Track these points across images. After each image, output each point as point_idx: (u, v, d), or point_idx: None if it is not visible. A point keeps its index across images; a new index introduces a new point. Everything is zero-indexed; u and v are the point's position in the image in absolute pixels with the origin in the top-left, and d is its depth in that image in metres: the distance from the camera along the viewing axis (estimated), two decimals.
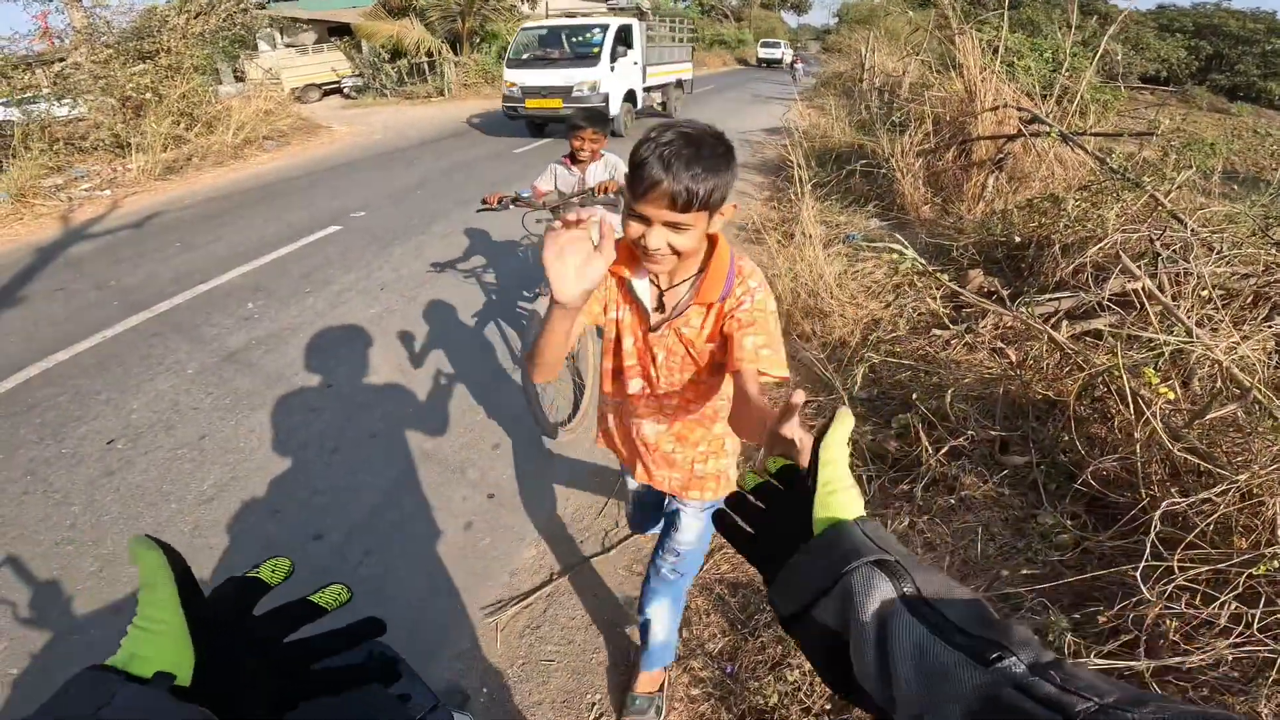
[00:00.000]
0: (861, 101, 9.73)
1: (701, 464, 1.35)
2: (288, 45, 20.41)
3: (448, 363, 3.35)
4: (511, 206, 2.67)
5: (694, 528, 1.42)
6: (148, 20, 9.76)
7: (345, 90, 19.90)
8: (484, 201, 2.73)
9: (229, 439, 2.76)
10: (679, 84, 14.07)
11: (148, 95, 8.90)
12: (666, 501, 1.48)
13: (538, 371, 1.04)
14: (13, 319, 4.01)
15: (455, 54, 19.06)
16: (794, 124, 8.61)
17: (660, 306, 1.17)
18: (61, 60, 9.36)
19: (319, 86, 19.69)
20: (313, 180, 7.74)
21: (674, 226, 0.97)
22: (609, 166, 2.80)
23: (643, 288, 1.16)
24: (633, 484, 1.57)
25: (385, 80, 18.94)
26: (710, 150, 0.94)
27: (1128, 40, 29.24)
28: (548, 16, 15.62)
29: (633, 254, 1.11)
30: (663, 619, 1.55)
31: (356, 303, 4.04)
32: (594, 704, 1.72)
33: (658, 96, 12.88)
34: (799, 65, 19.94)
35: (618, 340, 1.24)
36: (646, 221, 0.98)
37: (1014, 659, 0.34)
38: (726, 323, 1.12)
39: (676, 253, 1.00)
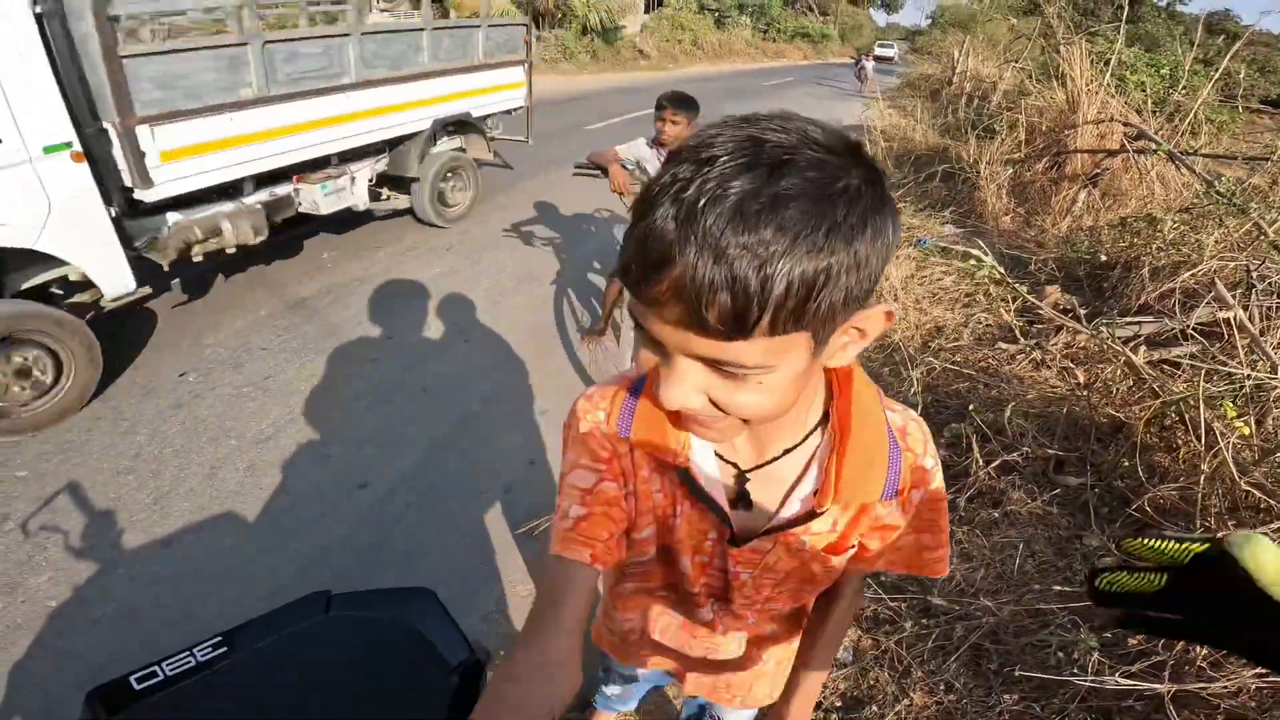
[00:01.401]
0: (949, 105, 9.40)
1: (765, 684, 0.89)
2: (381, 10, 20.99)
3: (504, 326, 3.41)
4: (609, 172, 2.70)
5: None
6: None
7: None
8: (581, 164, 2.75)
9: (291, 381, 2.89)
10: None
11: None
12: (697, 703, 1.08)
13: None
14: None
15: (537, 28, 19.21)
16: (873, 123, 8.33)
17: (743, 498, 0.62)
18: None
19: None
20: None
21: (716, 367, 0.44)
22: None
23: (708, 461, 0.61)
24: (642, 673, 1.01)
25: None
26: (810, 185, 0.38)
27: (1254, 62, 27.08)
28: None
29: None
30: None
31: (422, 261, 4.16)
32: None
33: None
34: (868, 63, 17.13)
35: (665, 559, 0.71)
36: (660, 350, 0.45)
37: None
38: (885, 529, 0.65)
39: (741, 418, 0.47)
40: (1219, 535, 0.43)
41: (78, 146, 2.53)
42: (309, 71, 3.40)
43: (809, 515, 0.60)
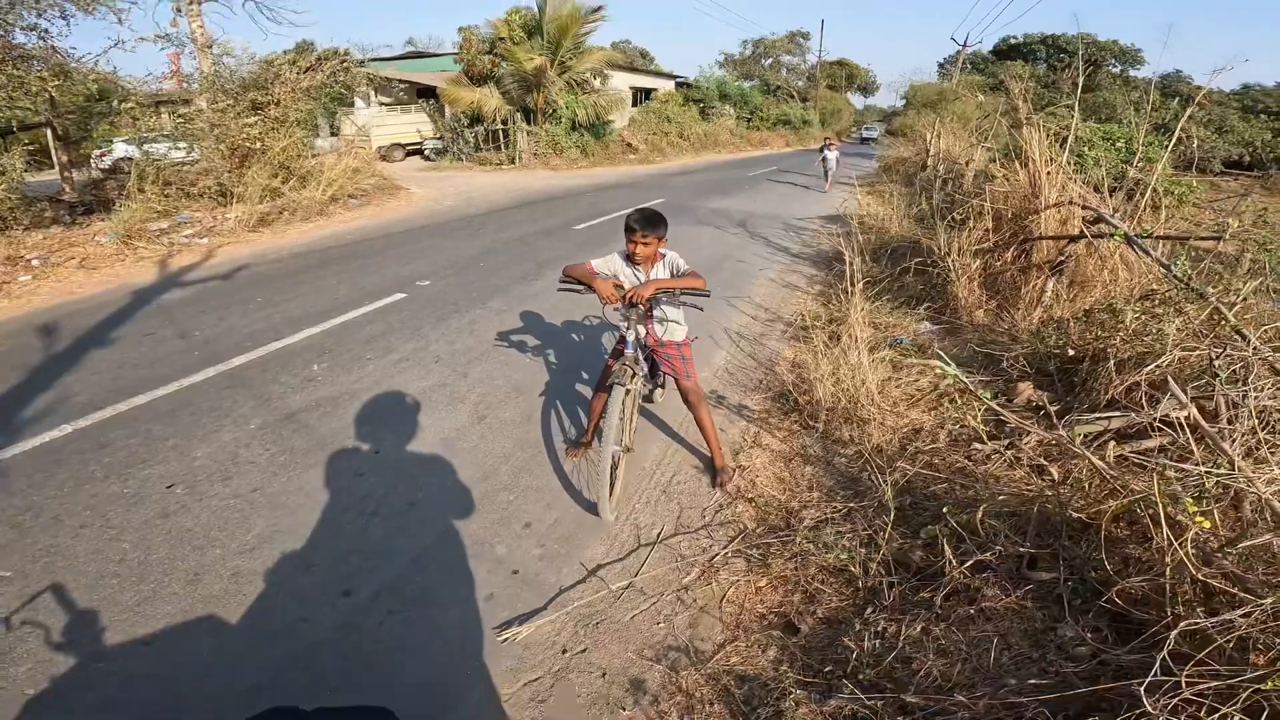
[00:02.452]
0: (923, 191, 9.68)
1: None
2: (381, 104, 22.09)
3: (492, 439, 3.45)
4: (593, 286, 2.71)
5: None
6: (264, 71, 10.56)
7: (426, 152, 21.35)
8: (567, 275, 2.79)
9: (278, 494, 2.91)
10: None
11: (255, 145, 9.60)
12: None
13: None
14: (101, 359, 4.38)
15: (528, 123, 20.26)
16: (853, 213, 8.68)
17: None
18: (186, 103, 10.23)
19: (403, 146, 21.20)
20: (387, 243, 8.27)
21: None
22: (669, 265, 2.85)
23: None
24: None
25: (463, 145, 20.25)
26: None
27: (1210, 123, 28.26)
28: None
29: None
30: None
31: (411, 373, 4.24)
32: None
33: None
34: (830, 153, 15.43)
35: None
36: None
37: None
38: None
39: None
40: None
41: None
42: None
43: None
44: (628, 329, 2.81)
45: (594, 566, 2.55)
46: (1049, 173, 5.44)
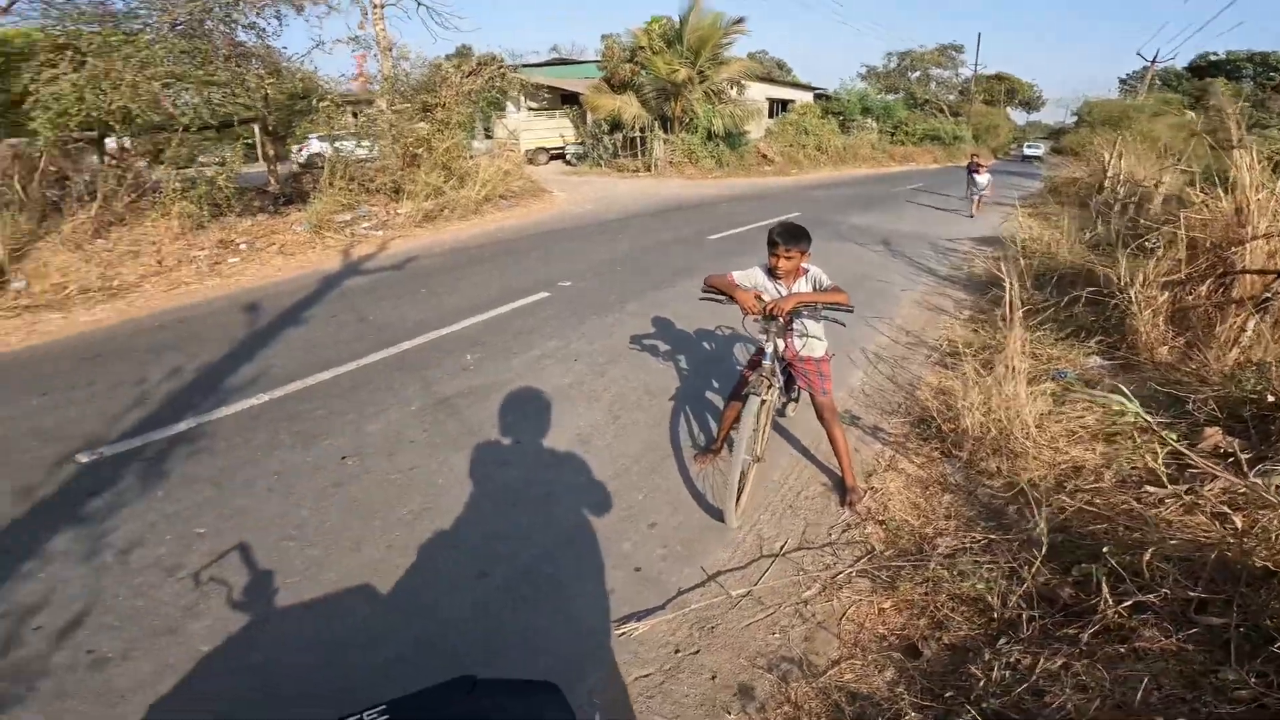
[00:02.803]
0: (1099, 215, 8.79)
1: None
2: (529, 109, 23.43)
3: (624, 439, 3.58)
4: (735, 297, 2.74)
5: None
6: (433, 75, 11.50)
7: (567, 157, 22.40)
8: (708, 285, 2.84)
9: (432, 474, 3.19)
10: None
11: (422, 151, 10.53)
12: None
13: None
14: (295, 336, 5.04)
15: (665, 131, 20.64)
16: (1012, 235, 8.03)
17: None
18: (369, 104, 11.37)
19: (547, 150, 22.38)
20: (531, 244, 8.80)
21: None
22: (812, 279, 2.83)
23: None
24: None
25: (602, 151, 21.01)
26: None
27: None
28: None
29: None
30: None
31: (553, 369, 4.50)
32: None
33: None
34: (981, 175, 13.17)
35: None
36: None
37: None
38: None
39: None
40: None
41: None
42: None
43: None
44: (766, 341, 2.82)
45: (714, 572, 2.58)
46: (1260, 199, 4.80)
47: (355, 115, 11.12)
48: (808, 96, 32.68)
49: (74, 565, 2.51)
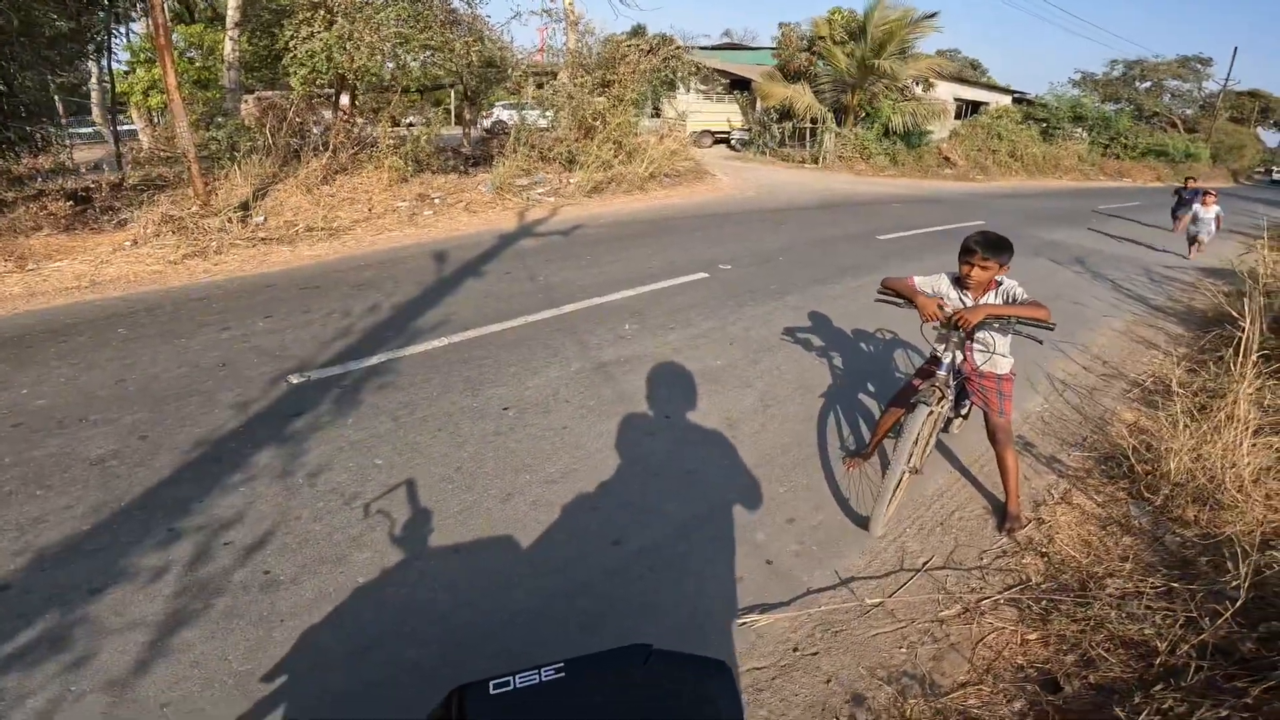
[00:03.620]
0: None
1: None
2: (698, 91, 23.46)
3: (771, 430, 3.53)
4: (914, 301, 2.64)
5: None
6: (613, 51, 11.86)
7: (732, 142, 22.17)
8: (886, 287, 2.76)
9: (582, 435, 3.32)
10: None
11: (597, 123, 10.97)
12: None
13: None
14: (472, 288, 5.49)
15: (838, 125, 19.71)
16: (1251, 269, 6.80)
17: None
18: (552, 75, 11.97)
19: (713, 134, 22.30)
20: (694, 225, 8.86)
21: None
22: (1005, 292, 2.63)
23: None
24: None
25: (769, 139, 20.53)
26: None
27: None
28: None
29: None
30: None
31: (707, 350, 4.52)
32: None
33: None
34: (1207, 210, 9.78)
35: None
36: None
37: None
38: None
39: None
40: None
41: None
42: None
43: None
44: (944, 351, 2.66)
45: (848, 577, 2.49)
46: None
47: (540, 86, 11.70)
48: (1005, 99, 29.65)
49: (270, 482, 2.74)
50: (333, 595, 2.18)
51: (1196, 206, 9.72)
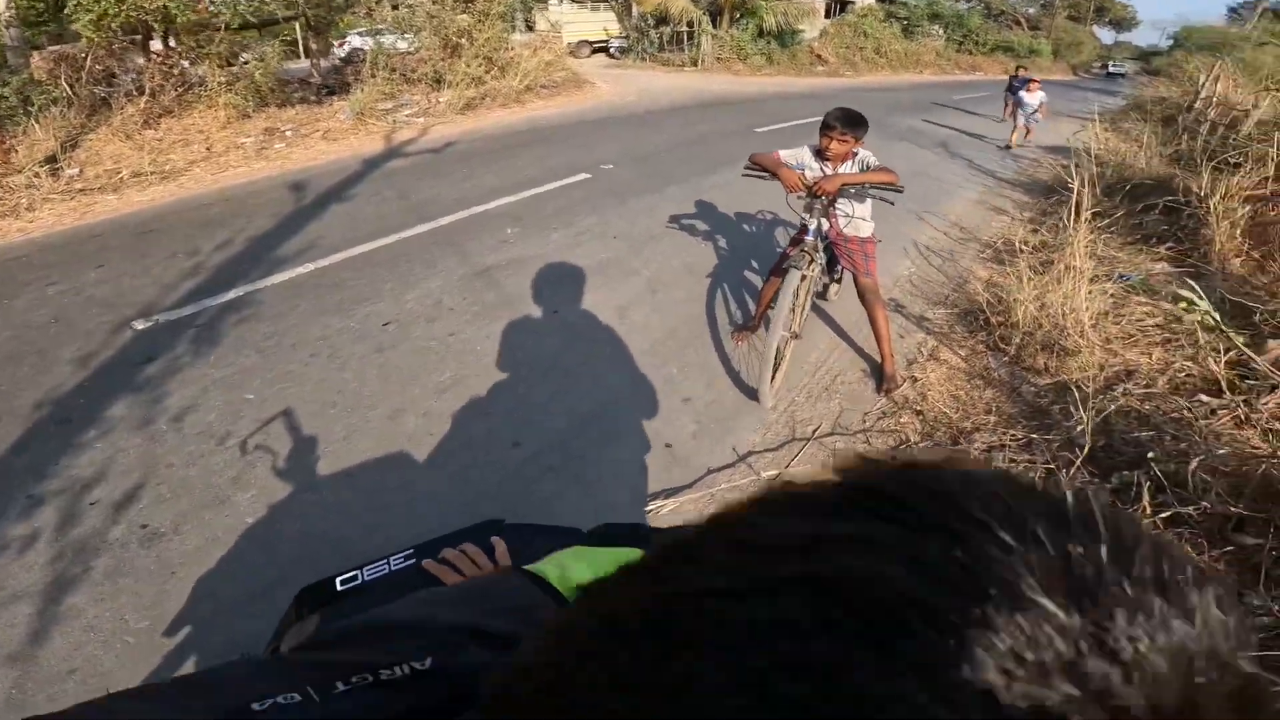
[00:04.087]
0: (1185, 132, 8.27)
1: None
2: (572, 1, 22.29)
3: (660, 314, 3.59)
4: (778, 174, 2.74)
5: None
6: None
7: (611, 50, 21.37)
8: (753, 162, 2.84)
9: (469, 341, 3.23)
10: None
11: (463, 40, 10.31)
12: None
13: None
14: (338, 212, 5.08)
15: (714, 27, 19.42)
16: (1085, 145, 7.53)
17: None
18: None
19: (590, 43, 21.35)
20: (573, 131, 8.55)
21: None
22: (860, 161, 2.77)
23: None
24: None
25: (647, 45, 19.96)
26: None
27: None
28: None
29: None
30: None
31: (592, 245, 4.47)
32: None
33: None
34: (1031, 95, 9.61)
35: None
36: None
37: None
38: None
39: None
40: None
41: None
42: None
43: None
44: (810, 218, 2.77)
45: (745, 453, 2.57)
46: None
47: (395, 8, 10.90)
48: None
49: (130, 433, 2.52)
50: (222, 539, 2.06)
51: (1022, 93, 9.83)
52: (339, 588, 0.75)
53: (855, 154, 2.75)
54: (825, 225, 2.83)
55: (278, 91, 8.86)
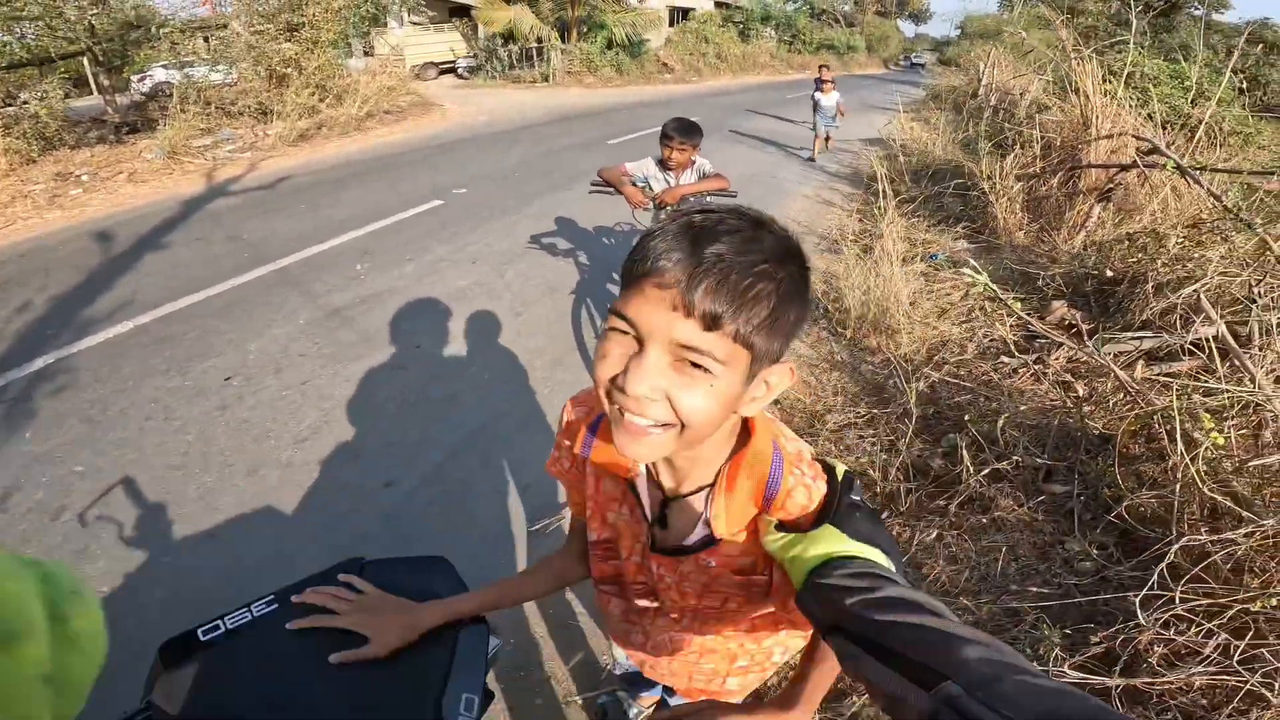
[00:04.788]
0: (971, 118, 9.40)
1: (737, 678, 0.89)
2: (413, 23, 21.62)
3: (526, 336, 3.60)
4: (621, 192, 2.90)
5: None
6: None
7: (459, 71, 20.91)
8: (596, 182, 2.98)
9: (326, 386, 3.08)
10: None
11: (287, 71, 9.69)
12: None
13: None
14: (156, 262, 4.61)
15: (563, 41, 19.62)
16: (892, 136, 8.41)
17: (662, 519, 0.72)
18: (223, 28, 10.31)
19: (436, 65, 20.77)
20: (422, 156, 8.31)
21: (686, 359, 0.53)
22: (698, 169, 2.96)
23: (643, 481, 0.73)
24: (626, 663, 1.12)
25: (496, 63, 19.75)
26: (777, 245, 0.54)
27: None
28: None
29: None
30: None
31: (450, 273, 4.39)
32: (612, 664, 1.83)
33: None
34: (827, 96, 8.86)
35: (609, 543, 0.80)
36: (638, 339, 0.54)
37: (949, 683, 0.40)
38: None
39: (678, 422, 0.55)
40: None
41: None
42: None
43: (706, 542, 0.69)
44: None
45: None
46: (1102, 105, 5.40)
47: (206, 40, 10.11)
48: (708, 5, 31.81)
49: None
50: None
51: (817, 95, 8.74)
52: (202, 638, 0.75)
53: (694, 162, 2.95)
54: None
55: (67, 132, 8.00)
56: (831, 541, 0.57)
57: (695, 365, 0.53)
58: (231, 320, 3.70)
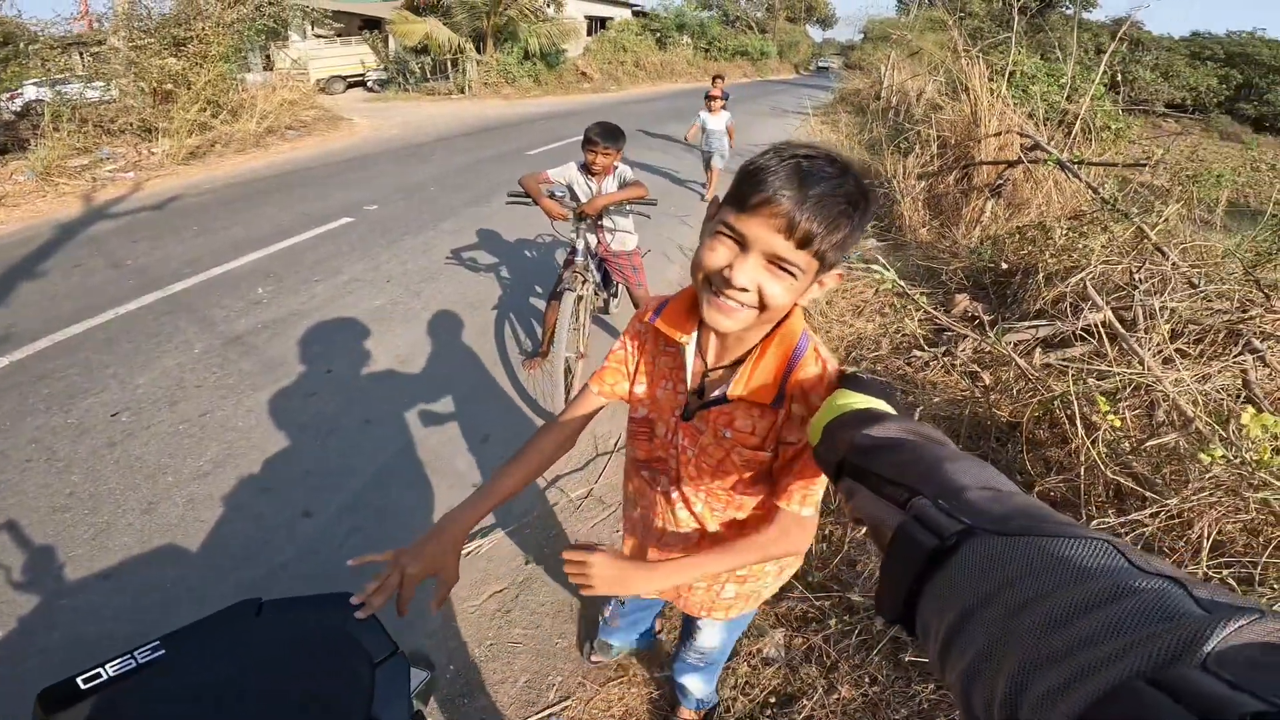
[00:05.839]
0: (874, 120, 9.83)
1: (735, 584, 1.13)
2: (317, 36, 20.76)
3: (446, 355, 3.48)
4: (539, 204, 2.85)
5: (718, 638, 1.32)
6: (186, 6, 9.89)
7: (369, 84, 20.20)
8: (514, 193, 2.93)
9: (229, 418, 2.89)
10: None
11: (174, 87, 9.09)
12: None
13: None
14: (30, 292, 4.18)
15: (479, 52, 19.31)
16: (804, 139, 8.71)
17: (700, 390, 0.93)
18: (100, 44, 9.56)
19: (344, 79, 19.98)
20: (330, 172, 7.94)
21: (778, 264, 0.74)
22: (619, 176, 2.94)
23: (691, 353, 0.91)
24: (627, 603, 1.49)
25: (409, 76, 19.21)
26: (857, 187, 0.74)
27: (1158, 68, 29.15)
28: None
29: (688, 308, 0.90)
30: (698, 686, 1.51)
31: (363, 293, 4.19)
32: (554, 685, 1.81)
33: None
34: (715, 116, 6.88)
35: (647, 421, 1.02)
36: (742, 245, 0.74)
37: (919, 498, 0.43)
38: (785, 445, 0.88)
39: (762, 305, 0.76)
40: None
41: None
42: None
43: (720, 400, 0.88)
44: (578, 239, 2.89)
45: (553, 477, 2.59)
46: (989, 103, 5.71)
47: (83, 56, 9.35)
48: (626, 14, 32.16)
49: None
50: None
51: (703, 115, 6.94)
52: (82, 686, 0.72)
53: (615, 168, 2.93)
54: (594, 243, 2.99)
55: None
56: (846, 399, 0.66)
57: (783, 269, 0.74)
58: (116, 352, 3.40)
